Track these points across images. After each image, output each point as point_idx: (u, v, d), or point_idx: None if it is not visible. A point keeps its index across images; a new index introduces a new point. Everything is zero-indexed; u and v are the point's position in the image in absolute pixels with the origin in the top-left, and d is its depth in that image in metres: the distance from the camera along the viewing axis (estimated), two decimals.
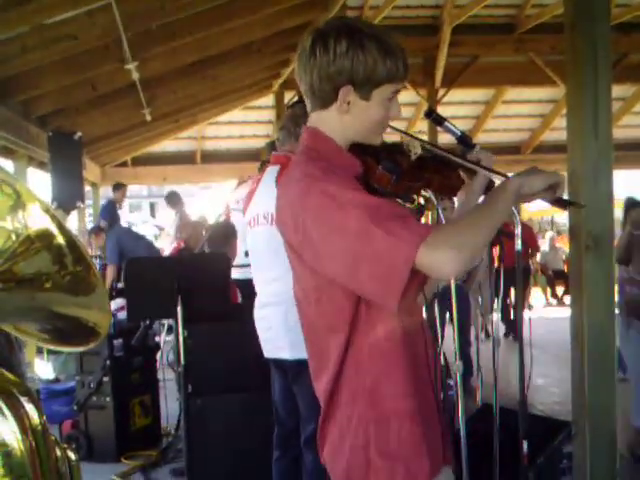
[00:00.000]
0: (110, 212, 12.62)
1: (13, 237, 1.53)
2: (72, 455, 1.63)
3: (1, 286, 1.55)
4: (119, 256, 10.08)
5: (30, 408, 1.40)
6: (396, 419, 2.10)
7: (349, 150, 2.21)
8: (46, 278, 1.59)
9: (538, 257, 15.93)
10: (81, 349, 1.77)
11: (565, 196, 2.20)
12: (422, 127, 13.98)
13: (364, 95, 2.12)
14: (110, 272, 10.14)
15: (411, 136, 2.35)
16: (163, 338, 8.39)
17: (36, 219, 1.55)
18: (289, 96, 13.72)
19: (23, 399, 1.39)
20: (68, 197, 9.14)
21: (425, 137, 2.84)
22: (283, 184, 2.24)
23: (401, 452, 2.10)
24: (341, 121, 2.16)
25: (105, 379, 6.14)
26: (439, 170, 2.33)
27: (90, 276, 1.64)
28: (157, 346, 7.12)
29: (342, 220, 1.94)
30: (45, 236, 1.55)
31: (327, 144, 2.18)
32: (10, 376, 1.42)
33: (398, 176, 2.18)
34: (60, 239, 1.56)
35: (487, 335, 10.81)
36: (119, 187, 13.09)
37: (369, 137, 2.21)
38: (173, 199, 13.40)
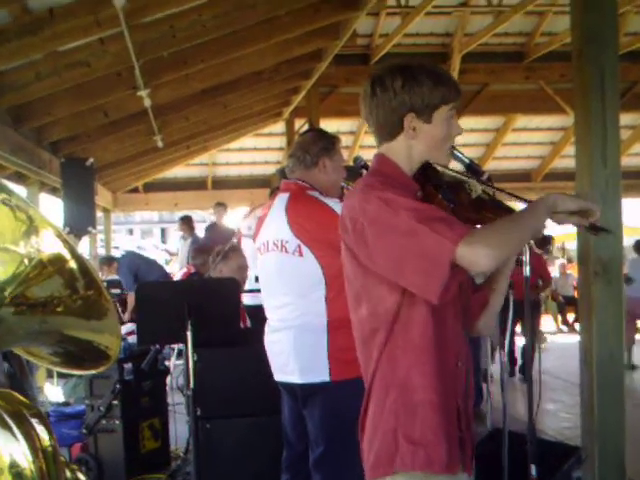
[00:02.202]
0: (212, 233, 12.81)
1: (26, 262, 1.56)
2: (82, 477, 1.65)
3: (14, 310, 1.57)
4: (134, 282, 10.15)
5: (41, 430, 1.42)
6: (422, 409, 2.33)
7: (413, 178, 2.47)
8: (58, 302, 1.61)
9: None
10: (92, 372, 1.79)
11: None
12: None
13: (426, 119, 2.40)
14: (131, 299, 10.15)
15: (477, 180, 2.52)
16: (173, 362, 8.40)
17: (49, 244, 1.57)
18: (299, 123, 13.79)
19: (34, 421, 1.41)
20: (80, 222, 9.18)
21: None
22: (347, 196, 2.57)
23: (423, 439, 2.32)
24: (408, 147, 2.43)
25: (115, 402, 6.14)
26: (495, 212, 2.47)
27: (101, 300, 1.67)
28: (167, 370, 7.12)
29: (394, 221, 2.21)
30: (58, 261, 1.57)
31: (392, 167, 2.45)
32: (21, 398, 1.44)
33: (455, 206, 2.41)
34: (72, 264, 1.59)
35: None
36: (220, 205, 13.29)
37: (437, 156, 2.47)
38: (186, 223, 13.45)
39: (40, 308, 1.62)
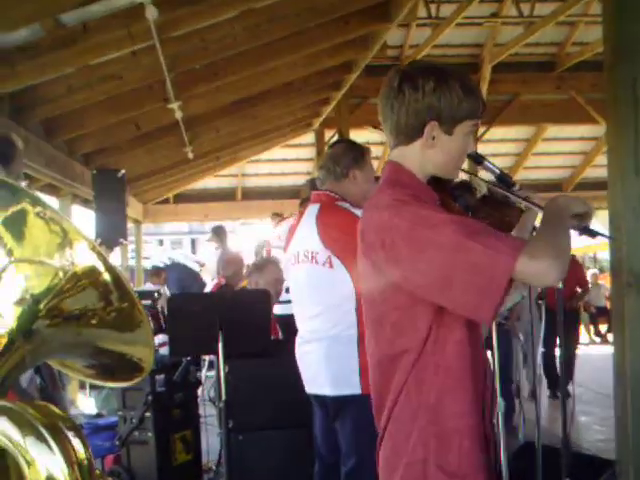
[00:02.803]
0: None
1: (60, 274, 1.57)
2: None
3: (49, 322, 1.58)
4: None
5: (77, 442, 1.42)
6: (457, 436, 2.17)
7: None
8: (92, 314, 1.62)
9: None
10: (126, 384, 1.80)
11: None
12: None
13: (448, 130, 2.25)
14: None
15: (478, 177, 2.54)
16: (204, 374, 8.41)
17: (83, 256, 1.58)
18: (329, 134, 13.80)
19: (70, 434, 1.41)
20: (111, 234, 9.24)
21: (465, 176, 2.91)
22: (366, 210, 2.34)
23: (460, 468, 2.17)
24: (423, 156, 2.29)
25: (147, 414, 6.16)
26: (499, 208, 2.44)
27: (135, 312, 1.67)
28: (198, 382, 7.14)
29: (435, 237, 2.04)
30: (91, 273, 1.58)
31: (410, 177, 2.30)
32: (57, 411, 1.45)
33: (472, 213, 2.37)
34: (106, 276, 1.60)
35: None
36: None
37: (449, 172, 2.35)
38: (219, 233, 13.45)
39: (74, 320, 1.63)
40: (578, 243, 14.98)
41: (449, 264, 2.03)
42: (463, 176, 2.63)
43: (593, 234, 2.24)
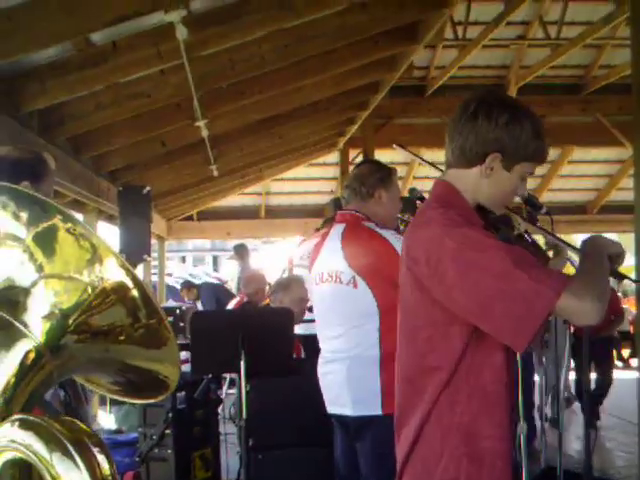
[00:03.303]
0: None
1: (89, 290, 1.57)
2: None
3: (77, 337, 1.59)
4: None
5: (102, 459, 1.42)
6: (490, 457, 2.21)
7: None
8: (120, 330, 1.63)
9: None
10: (151, 401, 1.81)
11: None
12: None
13: (508, 166, 2.31)
14: None
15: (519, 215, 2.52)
16: (225, 391, 8.41)
17: (112, 272, 1.59)
18: (354, 154, 13.83)
19: (95, 449, 1.42)
20: (136, 250, 9.26)
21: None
22: (414, 225, 2.41)
23: None
24: (477, 183, 2.34)
25: (167, 431, 6.16)
26: (531, 251, 2.46)
27: (162, 329, 1.68)
28: (219, 399, 7.14)
29: (483, 261, 2.09)
30: (120, 289, 1.59)
31: (460, 200, 2.35)
32: (83, 426, 1.45)
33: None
34: (134, 292, 1.60)
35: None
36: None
37: (495, 205, 2.39)
38: (241, 251, 13.49)
39: (102, 336, 1.64)
40: None
41: (493, 288, 2.07)
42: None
43: (622, 278, 2.32)
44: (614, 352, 11.14)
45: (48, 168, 3.22)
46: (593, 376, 9.48)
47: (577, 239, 16.59)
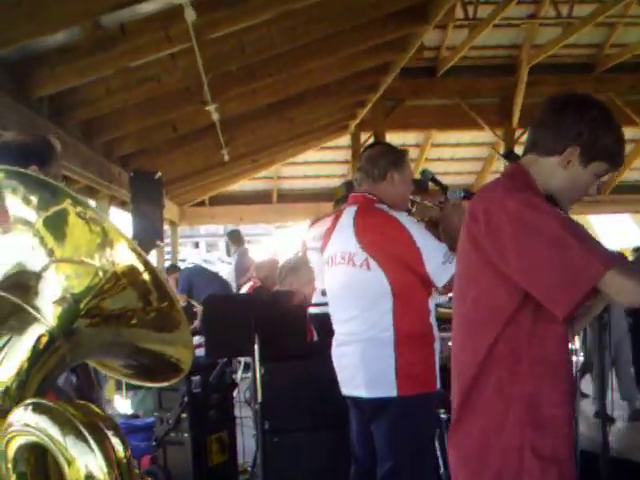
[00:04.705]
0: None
1: (101, 274, 1.57)
2: None
3: (89, 322, 1.58)
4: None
5: (116, 442, 1.42)
6: (553, 424, 2.26)
7: None
8: (132, 314, 1.62)
9: None
10: (164, 385, 1.80)
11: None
12: (499, 167, 13.90)
13: (584, 161, 2.35)
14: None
15: None
16: (240, 375, 8.42)
17: (123, 256, 1.58)
18: (365, 136, 13.78)
19: (110, 433, 1.41)
20: (148, 235, 9.27)
21: None
22: (482, 190, 2.54)
23: (555, 455, 2.26)
24: (552, 172, 2.38)
25: (183, 415, 6.18)
26: None
27: (174, 313, 1.67)
28: (234, 383, 7.15)
29: (540, 225, 2.17)
30: (131, 273, 1.58)
31: (532, 183, 2.38)
32: (97, 410, 1.45)
33: None
34: (146, 276, 1.59)
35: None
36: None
37: (564, 200, 2.41)
38: (235, 236, 13.41)
39: (114, 320, 1.63)
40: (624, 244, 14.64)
41: (545, 252, 2.13)
42: None
43: None
44: None
45: (54, 151, 3.22)
46: None
47: (592, 220, 16.51)
